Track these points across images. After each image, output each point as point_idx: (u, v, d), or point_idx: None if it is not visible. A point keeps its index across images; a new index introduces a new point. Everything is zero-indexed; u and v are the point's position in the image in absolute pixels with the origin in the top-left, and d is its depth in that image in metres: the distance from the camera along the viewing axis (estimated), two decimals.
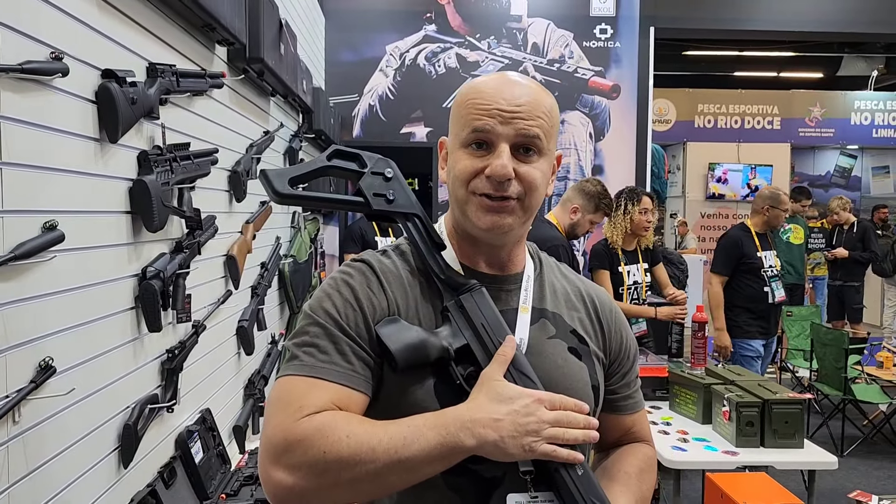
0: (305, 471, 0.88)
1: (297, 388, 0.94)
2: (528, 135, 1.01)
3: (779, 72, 11.68)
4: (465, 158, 1.02)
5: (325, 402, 0.93)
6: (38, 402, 1.34)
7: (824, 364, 5.20)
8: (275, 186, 0.97)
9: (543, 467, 0.96)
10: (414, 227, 1.04)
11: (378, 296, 1.02)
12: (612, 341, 1.16)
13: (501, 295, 1.07)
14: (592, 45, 5.91)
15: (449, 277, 1.02)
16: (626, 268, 3.84)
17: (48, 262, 1.36)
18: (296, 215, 4.03)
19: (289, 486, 0.88)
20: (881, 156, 12.13)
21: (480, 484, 0.98)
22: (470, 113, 1.02)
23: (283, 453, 0.89)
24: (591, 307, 1.16)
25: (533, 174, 1.02)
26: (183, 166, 1.95)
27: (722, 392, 2.93)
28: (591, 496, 0.95)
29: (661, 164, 6.94)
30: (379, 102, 5.80)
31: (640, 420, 1.22)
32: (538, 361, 1.02)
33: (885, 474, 4.58)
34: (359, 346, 0.98)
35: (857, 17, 6.46)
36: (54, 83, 1.40)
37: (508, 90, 1.02)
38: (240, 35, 2.46)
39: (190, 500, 2.03)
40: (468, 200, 1.03)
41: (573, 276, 1.21)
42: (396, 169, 1.04)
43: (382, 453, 0.88)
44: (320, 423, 0.90)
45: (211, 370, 2.41)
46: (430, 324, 1.02)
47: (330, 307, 1.00)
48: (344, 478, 0.88)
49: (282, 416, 0.92)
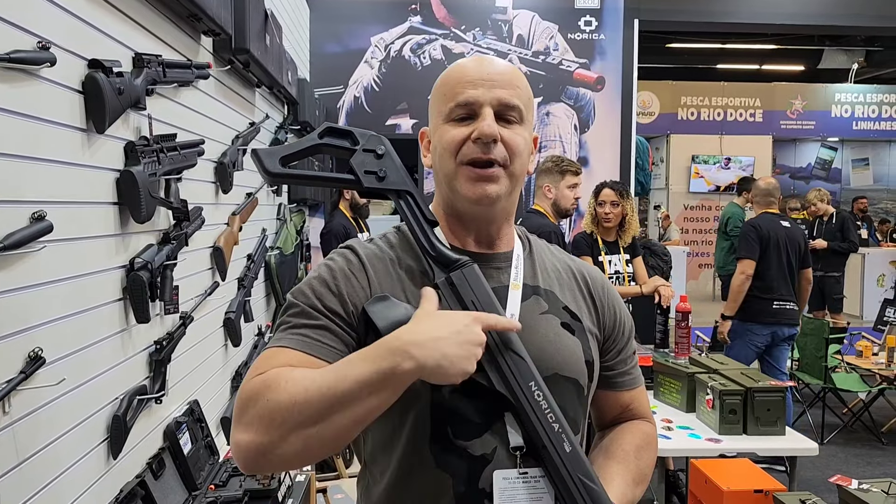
0: (256, 424, 0.88)
1: (262, 358, 0.96)
2: (510, 104, 1.04)
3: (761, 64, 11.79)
4: (451, 130, 1.05)
5: (282, 364, 0.93)
6: (27, 392, 1.34)
7: (805, 353, 5.28)
8: (265, 165, 0.98)
9: (532, 444, 0.97)
10: (406, 204, 1.04)
11: (359, 276, 1.03)
12: (605, 317, 1.17)
13: (492, 272, 1.08)
14: (577, 38, 5.93)
15: (440, 254, 1.02)
16: (607, 258, 3.88)
17: (36, 252, 1.35)
18: (282, 207, 4.02)
19: (246, 444, 0.88)
20: (861, 148, 12.28)
21: (470, 461, 0.98)
22: (454, 88, 1.05)
23: (239, 413, 0.90)
24: (584, 283, 1.17)
25: (516, 139, 1.04)
26: (170, 157, 1.95)
27: (705, 381, 2.98)
28: (579, 473, 0.96)
29: (646, 157, 6.98)
30: (364, 94, 5.79)
31: (638, 396, 1.22)
32: (530, 336, 1.02)
33: (863, 461, 4.66)
34: (330, 321, 0.98)
35: (838, 11, 6.53)
36: (41, 73, 1.39)
37: (488, 65, 1.07)
38: (225, 26, 2.45)
39: (179, 490, 2.04)
40: (456, 173, 1.04)
41: (564, 255, 1.22)
42: (389, 145, 1.05)
43: (316, 391, 0.87)
44: (266, 377, 0.90)
45: (199, 361, 2.41)
46: (418, 302, 1.01)
47: (307, 289, 1.02)
48: (291, 424, 0.87)
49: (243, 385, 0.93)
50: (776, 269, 4.34)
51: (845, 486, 2.44)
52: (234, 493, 2.18)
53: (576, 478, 0.96)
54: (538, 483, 0.98)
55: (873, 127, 11.34)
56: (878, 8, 6.51)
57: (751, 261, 4.33)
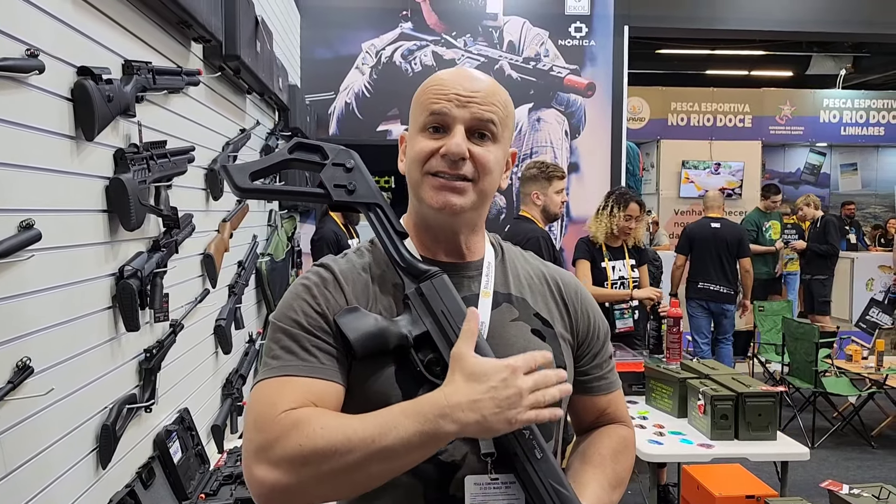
0: (286, 465, 0.89)
1: (271, 388, 0.96)
2: (483, 118, 1.04)
3: (750, 70, 11.85)
4: (421, 141, 1.05)
5: (299, 396, 0.94)
6: (15, 402, 1.33)
7: (795, 358, 5.30)
8: (235, 181, 0.98)
9: (503, 450, 0.97)
10: (375, 217, 1.05)
11: (335, 293, 1.03)
12: (578, 322, 1.17)
13: (463, 282, 1.09)
14: (568, 44, 5.95)
15: (409, 265, 1.03)
16: (611, 263, 3.88)
17: (24, 261, 1.34)
18: (272, 214, 4.01)
19: (271, 483, 0.89)
20: (849, 153, 12.36)
21: (440, 467, 0.99)
22: (429, 98, 1.06)
23: (262, 451, 0.90)
24: (556, 289, 1.17)
25: (486, 156, 1.04)
26: (160, 164, 1.94)
27: (697, 386, 2.98)
28: (550, 479, 0.97)
29: (636, 162, 7.01)
30: (355, 100, 5.79)
31: (615, 400, 1.22)
32: (500, 344, 1.03)
33: (854, 465, 4.68)
34: (322, 341, 0.99)
35: (826, 17, 6.58)
36: (30, 80, 1.38)
37: (466, 79, 1.06)
38: (216, 32, 2.44)
39: (169, 500, 2.02)
40: (422, 182, 1.05)
41: (537, 262, 1.22)
42: (359, 159, 1.06)
43: (359, 443, 0.88)
44: (296, 417, 0.91)
45: (189, 370, 2.39)
46: (391, 314, 1.03)
47: (290, 311, 1.02)
48: (324, 470, 0.89)
49: (258, 417, 0.94)
50: (704, 260, 5.76)
51: (836, 491, 2.45)
52: (224, 502, 2.16)
53: (547, 484, 0.96)
54: (509, 489, 0.99)
55: (861, 132, 11.41)
56: (866, 14, 6.57)
57: (681, 255, 5.91)
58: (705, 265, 5.76)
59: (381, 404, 0.94)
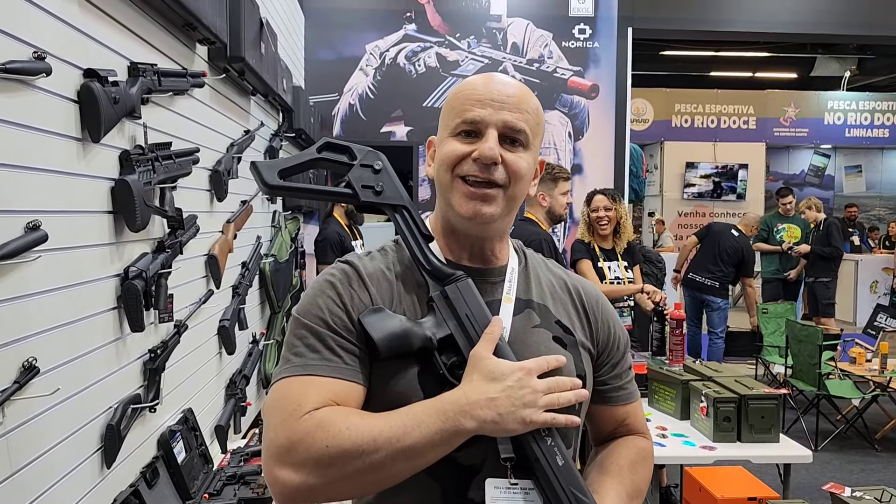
0: (311, 466, 0.90)
1: (293, 388, 0.96)
2: (516, 128, 1.04)
3: (754, 72, 11.83)
4: (454, 144, 1.05)
5: (323, 397, 0.94)
6: (21, 402, 1.34)
7: (799, 360, 5.29)
8: (265, 178, 0.99)
9: (524, 455, 0.97)
10: (402, 219, 1.05)
11: (360, 292, 1.03)
12: (599, 332, 1.17)
13: (486, 287, 1.09)
14: (571, 45, 5.95)
15: (435, 268, 1.03)
16: (606, 264, 3.92)
17: (31, 262, 1.35)
18: (276, 215, 4.02)
19: (296, 485, 0.90)
20: (853, 155, 12.35)
21: (459, 471, 0.99)
22: (462, 104, 1.06)
23: (286, 452, 0.91)
24: (577, 298, 1.18)
25: (519, 163, 1.05)
26: (165, 166, 1.95)
27: (700, 388, 2.98)
28: (572, 486, 0.96)
29: (640, 164, 7.02)
30: (359, 101, 5.80)
31: (634, 411, 1.22)
32: (521, 350, 1.03)
33: (857, 468, 4.67)
34: (346, 340, 0.99)
35: (830, 19, 6.57)
36: (37, 83, 1.39)
37: (499, 85, 1.07)
38: (221, 34, 2.46)
39: (172, 499, 2.03)
40: (452, 186, 1.05)
41: (559, 270, 1.22)
42: (386, 161, 1.06)
43: (384, 442, 0.89)
44: (320, 418, 0.91)
45: (193, 370, 2.40)
46: (415, 315, 1.03)
47: (315, 308, 1.02)
48: (349, 470, 0.89)
49: (281, 417, 0.93)
50: (705, 254, 6.21)
51: (838, 493, 2.45)
52: (228, 502, 2.17)
53: (568, 491, 0.96)
54: (528, 495, 0.99)
55: (866, 134, 11.40)
56: (870, 16, 6.56)
57: (695, 238, 6.41)
58: (702, 259, 6.23)
59: (401, 405, 0.94)
